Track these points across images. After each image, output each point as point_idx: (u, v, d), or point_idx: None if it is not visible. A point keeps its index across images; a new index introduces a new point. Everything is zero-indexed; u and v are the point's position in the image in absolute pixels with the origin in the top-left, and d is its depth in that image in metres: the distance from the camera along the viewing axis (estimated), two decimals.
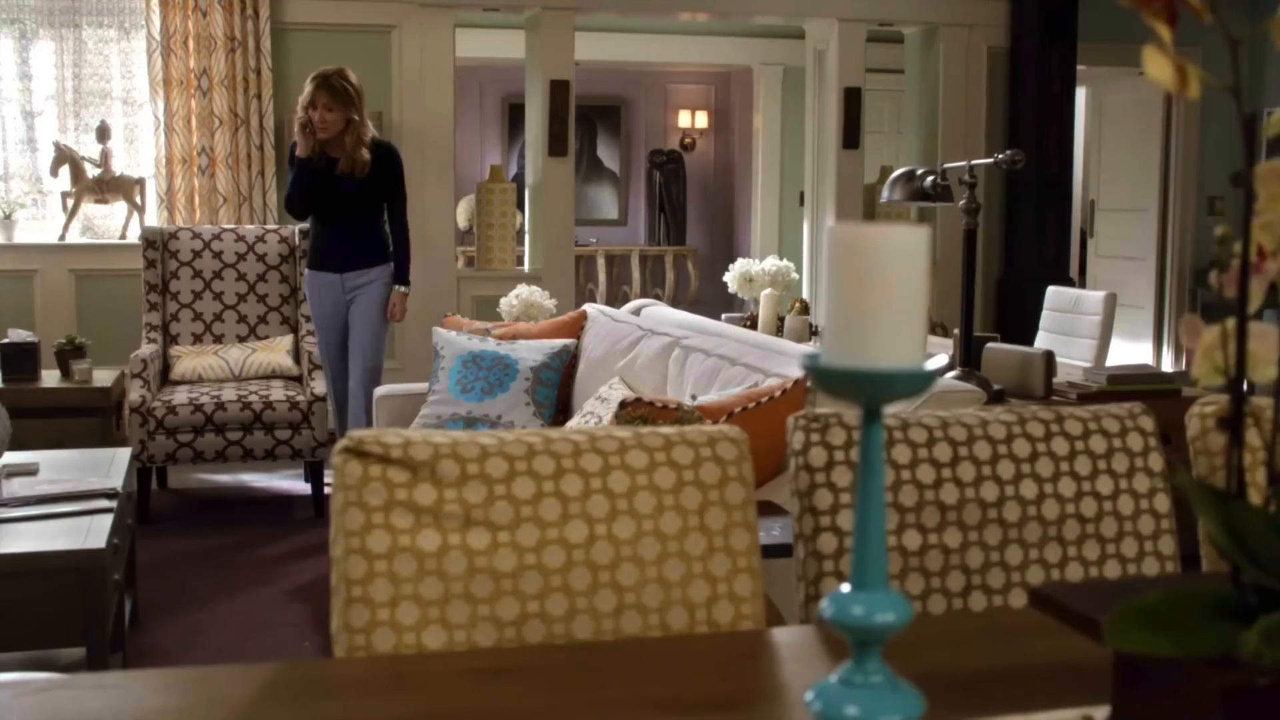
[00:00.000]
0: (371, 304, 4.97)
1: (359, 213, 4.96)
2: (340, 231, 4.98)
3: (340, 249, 4.98)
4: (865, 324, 0.97)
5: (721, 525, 1.61)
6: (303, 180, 4.88)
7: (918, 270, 0.98)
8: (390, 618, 1.50)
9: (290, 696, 1.33)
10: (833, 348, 0.98)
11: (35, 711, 1.26)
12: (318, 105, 4.78)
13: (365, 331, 4.98)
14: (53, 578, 2.93)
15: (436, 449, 1.55)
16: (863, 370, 0.97)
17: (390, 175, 4.98)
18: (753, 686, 1.37)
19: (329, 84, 4.78)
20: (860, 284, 0.97)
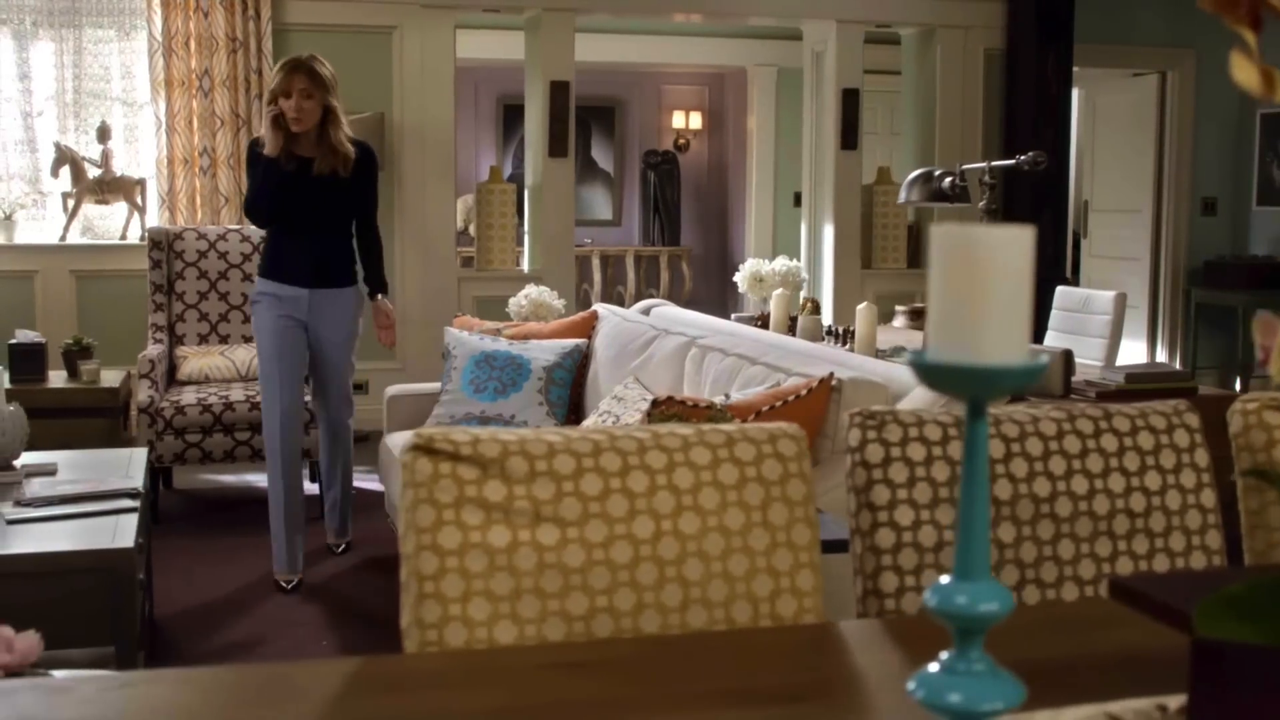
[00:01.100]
0: (344, 328, 4.32)
1: (334, 221, 4.28)
2: (310, 241, 4.24)
3: (309, 261, 4.24)
4: (973, 321, 1.00)
5: (783, 521, 1.63)
6: (271, 183, 4.16)
7: (1023, 269, 1.00)
8: (462, 613, 1.52)
9: (373, 690, 1.35)
10: (940, 344, 1.00)
11: (129, 704, 1.28)
12: (293, 93, 4.10)
13: (340, 358, 4.35)
14: (81, 577, 2.94)
15: (505, 446, 1.57)
16: (971, 366, 0.99)
17: (370, 179, 4.34)
18: (825, 678, 1.40)
19: (305, 67, 4.14)
20: (968, 283, 1.00)
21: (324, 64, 4.21)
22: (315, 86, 4.11)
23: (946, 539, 1.70)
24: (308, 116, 4.12)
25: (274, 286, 4.24)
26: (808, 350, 3.49)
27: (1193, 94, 8.25)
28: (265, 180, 4.17)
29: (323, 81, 4.13)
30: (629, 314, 4.55)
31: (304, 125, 4.12)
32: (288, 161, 4.16)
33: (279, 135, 4.14)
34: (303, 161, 4.19)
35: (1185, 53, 8.18)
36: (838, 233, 7.56)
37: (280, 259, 4.26)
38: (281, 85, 4.13)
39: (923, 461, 1.71)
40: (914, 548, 1.69)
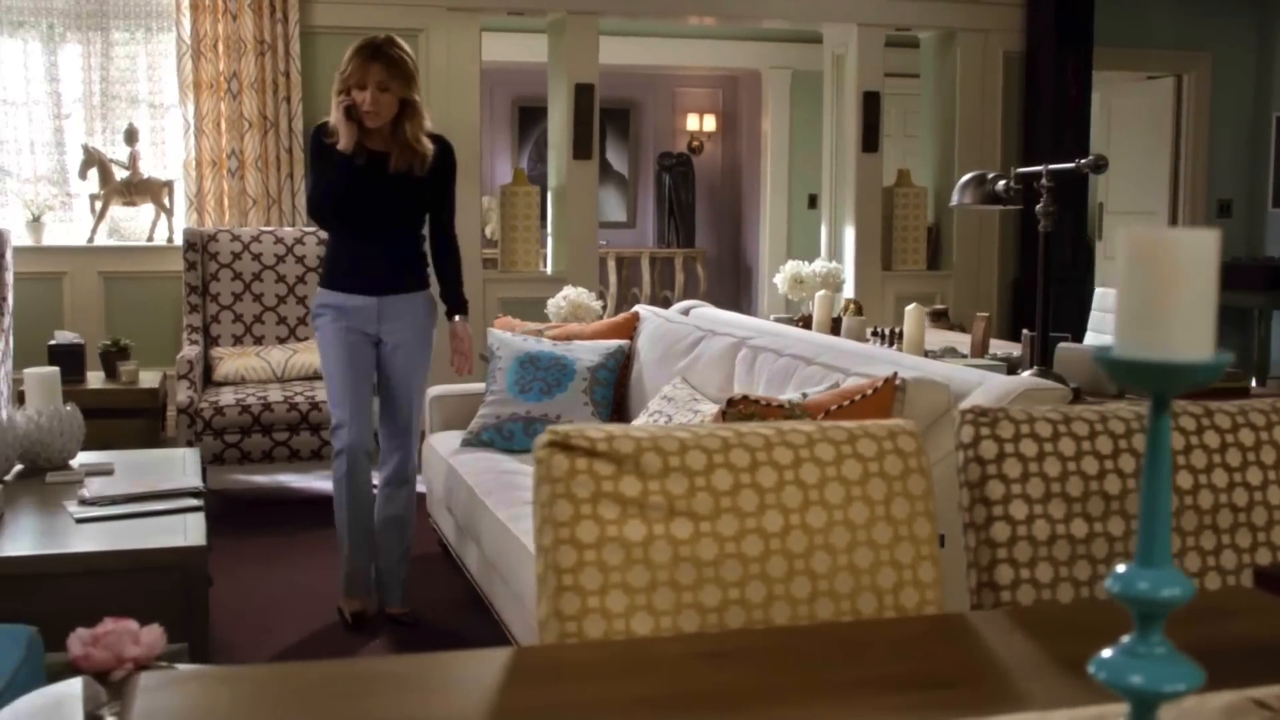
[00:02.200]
0: (417, 340, 3.87)
1: (407, 222, 3.84)
2: (379, 245, 3.80)
3: (377, 266, 3.81)
4: (1161, 319, 1.04)
5: (905, 515, 1.67)
6: (341, 182, 3.71)
7: (1209, 270, 1.05)
8: (600, 605, 1.56)
9: (531, 680, 1.39)
10: (1127, 341, 1.05)
11: (291, 694, 1.32)
12: (367, 84, 3.60)
13: (412, 376, 3.88)
14: (155, 575, 2.97)
15: (639, 443, 1.61)
16: (1159, 361, 1.04)
17: (448, 178, 3.87)
18: (969, 665, 1.44)
19: (383, 55, 3.64)
20: (1157, 283, 1.04)
21: (404, 50, 3.72)
22: (393, 78, 3.62)
23: (1059, 533, 1.74)
24: (384, 110, 3.64)
25: (339, 298, 3.81)
26: (862, 351, 3.54)
27: (1208, 97, 8.31)
28: (336, 178, 3.72)
29: (402, 72, 3.65)
30: (671, 315, 4.59)
31: (379, 121, 3.65)
32: (360, 157, 3.70)
33: (352, 128, 3.65)
34: (375, 156, 3.73)
35: (1201, 56, 8.24)
36: (859, 234, 7.60)
37: (345, 265, 3.82)
38: (355, 75, 3.62)
39: (1035, 457, 1.75)
40: (1028, 541, 1.73)
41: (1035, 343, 3.57)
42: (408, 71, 3.68)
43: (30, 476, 3.64)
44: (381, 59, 3.64)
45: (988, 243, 7.84)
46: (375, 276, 3.80)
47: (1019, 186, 3.80)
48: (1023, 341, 3.99)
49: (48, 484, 3.58)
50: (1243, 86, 8.42)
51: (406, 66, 3.68)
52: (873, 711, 1.30)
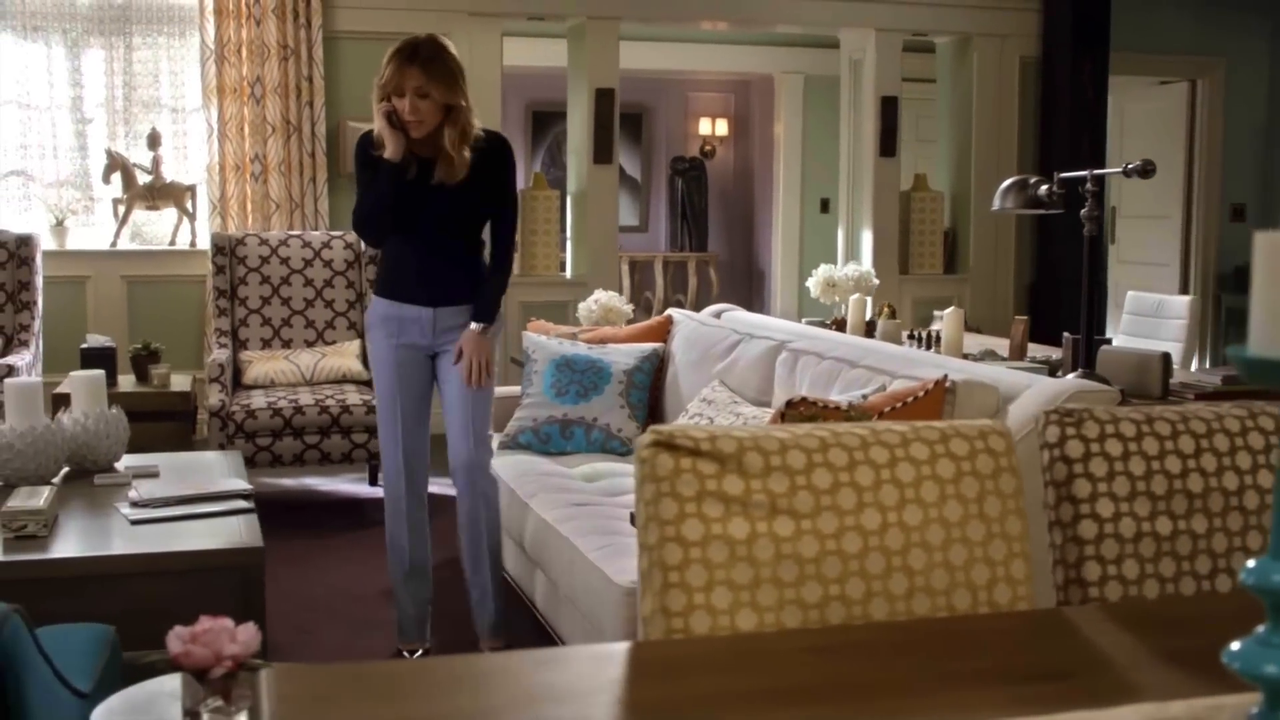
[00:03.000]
0: (478, 350, 3.58)
1: (460, 232, 3.60)
2: (433, 255, 3.57)
3: (433, 277, 3.58)
4: None
5: (997, 512, 1.71)
6: (386, 194, 3.47)
7: None
8: (706, 601, 1.59)
9: (650, 673, 1.42)
10: (1263, 341, 1.08)
11: (443, 686, 1.35)
12: (406, 90, 3.38)
13: (472, 393, 3.58)
14: (214, 575, 3.00)
15: (740, 442, 1.64)
16: None
17: (501, 177, 3.59)
18: (1077, 657, 1.47)
19: (420, 57, 3.40)
20: None
21: (445, 51, 3.47)
22: (433, 83, 3.37)
23: (1144, 530, 1.77)
24: (427, 117, 3.40)
25: (393, 308, 3.59)
26: (905, 354, 3.57)
27: (1222, 101, 8.36)
28: (385, 191, 3.47)
29: (443, 76, 3.39)
30: (704, 318, 4.63)
31: (423, 129, 3.42)
32: (408, 166, 3.48)
33: (397, 136, 3.42)
34: (426, 163, 3.50)
35: (1216, 61, 8.29)
36: (876, 238, 7.65)
37: (398, 274, 3.60)
38: (393, 81, 3.41)
39: (1120, 456, 1.78)
40: (1115, 539, 1.76)
41: (1079, 345, 3.61)
42: (447, 74, 3.41)
43: (77, 479, 3.67)
44: (418, 62, 3.39)
45: (1004, 247, 7.89)
46: (429, 287, 3.57)
47: (1062, 191, 3.84)
48: (1064, 344, 4.04)
49: (96, 486, 3.61)
50: (1257, 91, 8.48)
51: (445, 69, 3.42)
52: (990, 703, 1.33)
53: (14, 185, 6.79)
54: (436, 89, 3.39)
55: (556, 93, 9.78)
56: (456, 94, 3.44)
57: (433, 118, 3.42)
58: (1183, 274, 8.40)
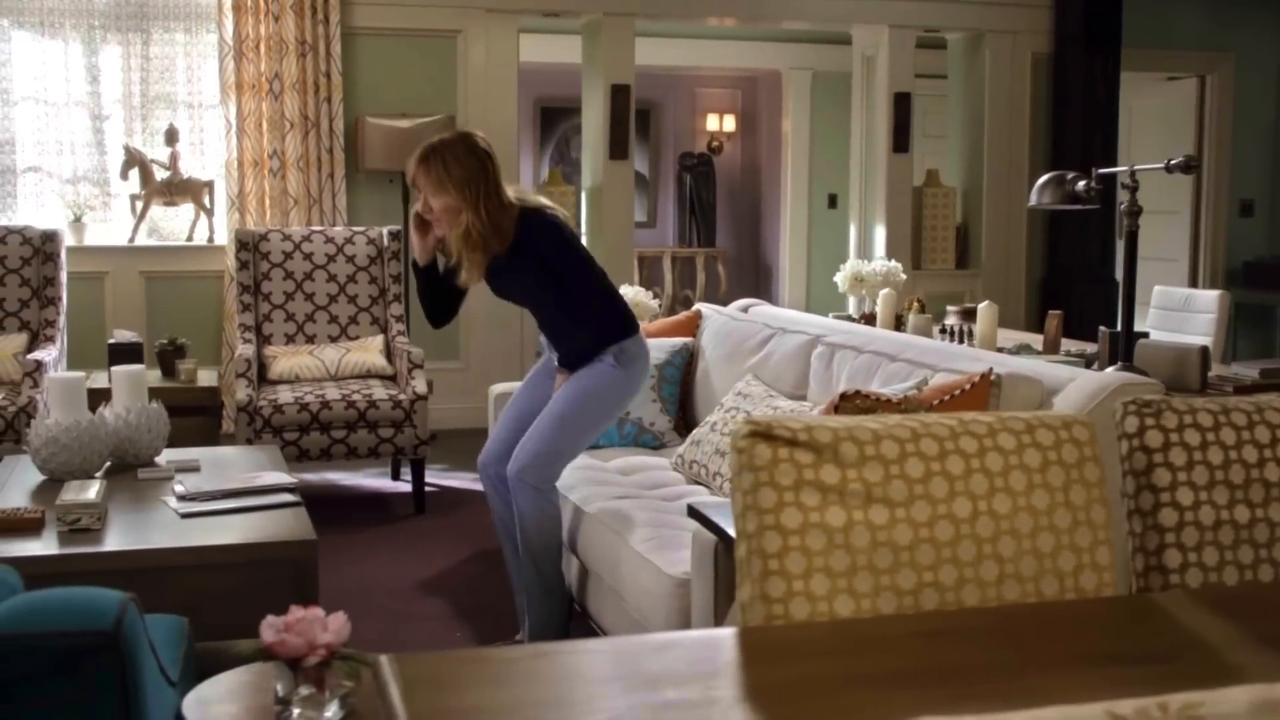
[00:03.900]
0: (579, 383, 3.57)
1: (535, 304, 3.67)
2: (538, 321, 3.74)
3: (550, 337, 3.73)
4: None
5: (1082, 501, 1.74)
6: (421, 293, 3.65)
7: None
8: (805, 588, 1.62)
9: (765, 658, 1.45)
10: None
11: (550, 672, 1.38)
12: (419, 186, 3.48)
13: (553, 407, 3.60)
14: (267, 568, 3.03)
15: (835, 433, 1.68)
16: None
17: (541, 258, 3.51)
18: (1170, 641, 1.51)
19: (419, 158, 3.46)
20: None
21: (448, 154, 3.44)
22: (427, 187, 3.44)
23: (1223, 518, 1.81)
24: (446, 216, 3.45)
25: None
26: (943, 348, 3.61)
27: (1231, 97, 8.41)
28: (420, 289, 3.67)
29: (434, 182, 3.42)
30: (733, 313, 4.66)
31: (446, 227, 3.47)
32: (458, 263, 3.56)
33: (423, 238, 3.54)
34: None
35: (1225, 57, 8.34)
36: (889, 234, 7.69)
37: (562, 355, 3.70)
38: (410, 178, 3.53)
39: (1199, 446, 1.82)
40: (1195, 526, 1.80)
41: (1119, 339, 3.65)
42: (437, 179, 3.41)
43: (120, 473, 3.69)
44: (419, 162, 3.45)
45: (1015, 242, 7.93)
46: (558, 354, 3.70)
47: (1099, 187, 3.88)
48: (1100, 338, 4.08)
49: (140, 480, 3.63)
50: (1265, 87, 8.53)
51: (436, 173, 3.41)
52: (1095, 685, 1.36)
53: (32, 181, 6.80)
54: (429, 193, 3.44)
55: (564, 89, 9.82)
56: (449, 197, 3.43)
57: (452, 215, 3.44)
58: (1191, 269, 8.46)
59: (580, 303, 3.59)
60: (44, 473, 3.59)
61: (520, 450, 3.54)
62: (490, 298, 7.04)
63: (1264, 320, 8.21)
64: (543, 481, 3.52)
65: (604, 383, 3.56)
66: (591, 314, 3.60)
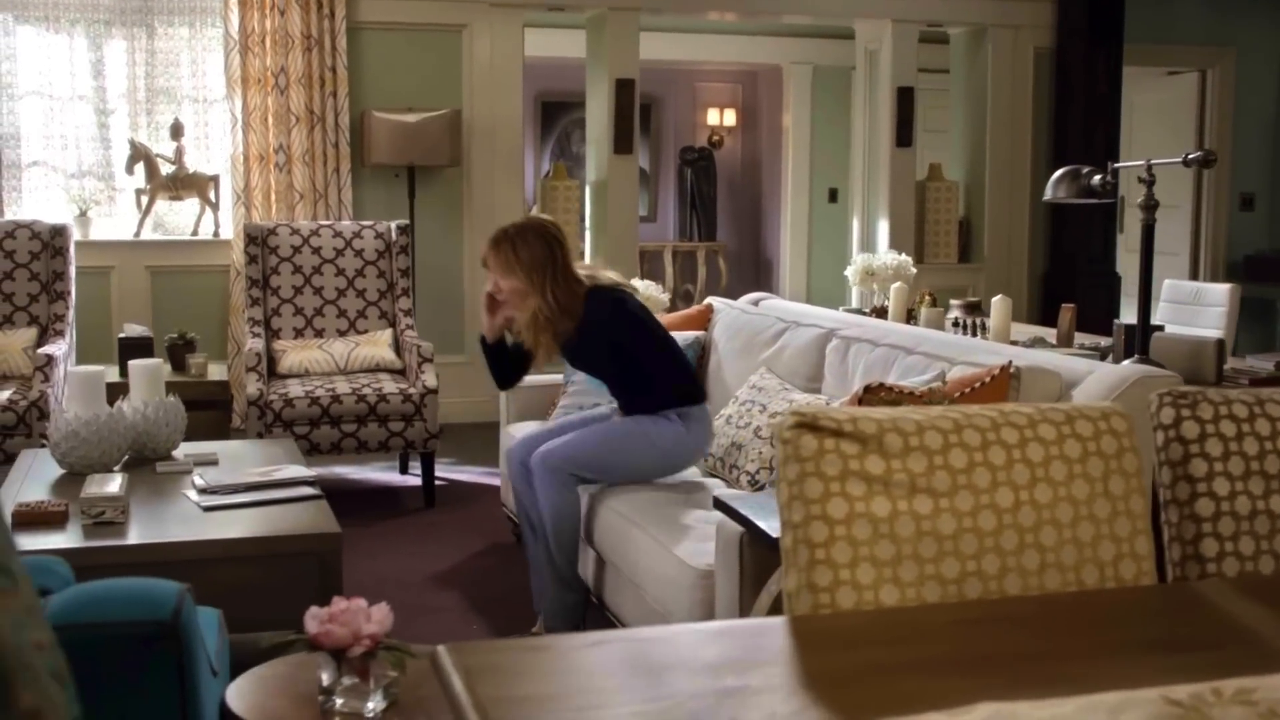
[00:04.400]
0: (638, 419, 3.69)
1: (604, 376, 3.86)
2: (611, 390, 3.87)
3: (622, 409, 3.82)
4: None
5: (1121, 491, 1.77)
6: (491, 366, 3.88)
7: None
8: (851, 577, 1.64)
9: (819, 646, 1.47)
10: None
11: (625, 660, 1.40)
12: (490, 268, 3.66)
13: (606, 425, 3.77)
14: (292, 560, 3.05)
15: (879, 424, 1.69)
16: None
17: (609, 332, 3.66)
18: (1218, 628, 1.53)
19: (496, 243, 3.62)
20: None
21: (517, 240, 3.60)
22: (503, 268, 3.60)
23: (1259, 508, 1.83)
24: (514, 297, 3.62)
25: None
26: (959, 341, 3.63)
27: (1232, 91, 8.45)
28: (488, 363, 3.89)
29: (501, 263, 3.60)
30: (745, 306, 4.68)
31: (515, 306, 3.64)
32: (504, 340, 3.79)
33: (491, 316, 3.73)
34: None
35: (1226, 51, 8.37)
36: (893, 228, 7.71)
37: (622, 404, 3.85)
38: (481, 259, 3.75)
39: (1234, 437, 1.84)
40: (1231, 516, 1.82)
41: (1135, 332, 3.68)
42: (504, 261, 3.59)
43: (138, 466, 3.71)
44: (492, 247, 3.64)
45: (1018, 236, 7.96)
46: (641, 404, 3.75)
47: (1114, 181, 3.91)
48: (1114, 332, 4.10)
49: (159, 474, 3.65)
50: (1266, 81, 8.56)
51: (504, 256, 3.59)
52: (1153, 670, 1.38)
53: (37, 176, 6.80)
54: (499, 274, 3.62)
55: (565, 83, 9.82)
56: (517, 280, 3.60)
57: (520, 297, 3.61)
58: (1192, 263, 8.49)
59: (647, 374, 3.71)
60: (63, 466, 3.60)
61: (553, 443, 3.64)
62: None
63: (1265, 314, 8.24)
64: (561, 478, 3.58)
65: (659, 429, 3.65)
66: (657, 384, 3.70)
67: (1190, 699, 1.27)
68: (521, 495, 3.78)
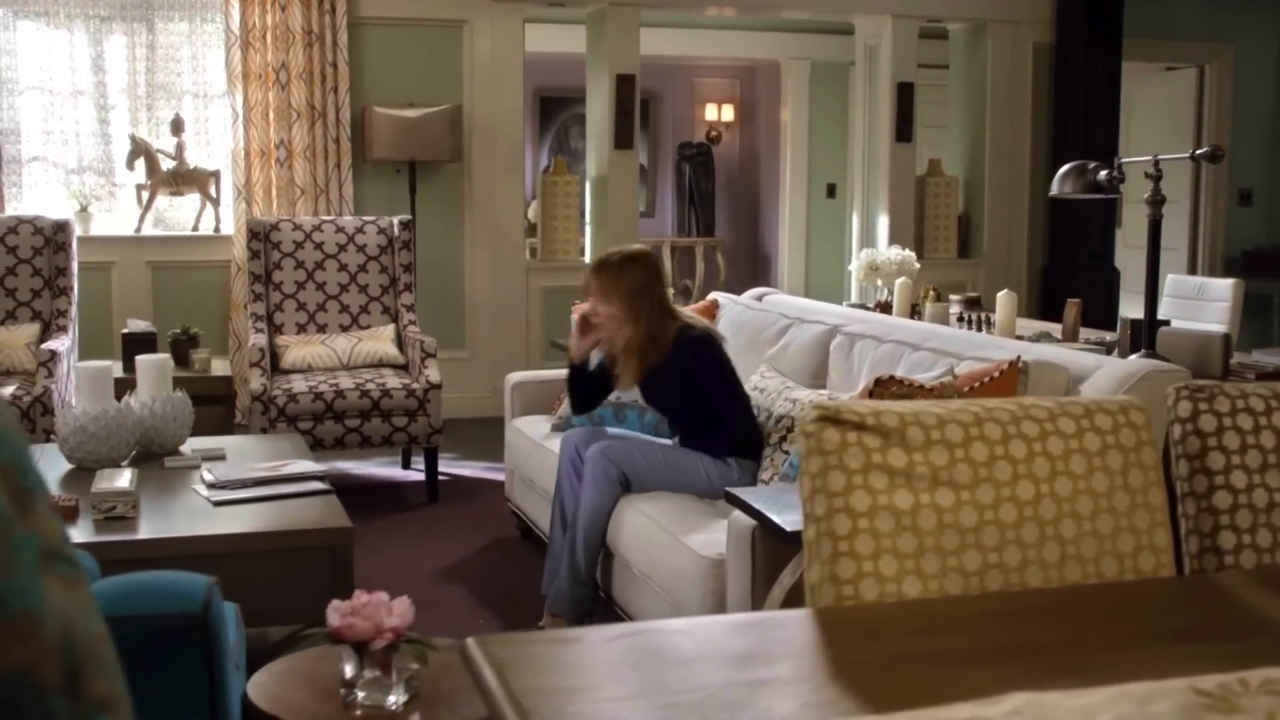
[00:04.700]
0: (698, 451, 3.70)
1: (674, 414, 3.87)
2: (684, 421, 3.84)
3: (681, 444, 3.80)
4: None
5: (1140, 484, 1.78)
6: (573, 391, 3.95)
7: None
8: (874, 569, 1.66)
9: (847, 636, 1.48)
10: None
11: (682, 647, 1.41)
12: (590, 292, 3.72)
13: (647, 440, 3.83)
14: (304, 555, 3.05)
15: (901, 417, 1.71)
16: None
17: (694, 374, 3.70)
18: (1238, 620, 1.55)
19: (597, 265, 3.75)
20: None
21: (623, 268, 3.69)
22: (605, 295, 3.67)
23: (1277, 501, 1.85)
24: (609, 324, 3.69)
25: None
26: (966, 337, 3.64)
27: (1231, 87, 8.47)
28: (569, 385, 3.97)
29: (605, 289, 3.67)
30: (749, 302, 4.69)
31: (608, 332, 3.71)
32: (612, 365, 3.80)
33: (582, 338, 3.77)
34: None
35: (1224, 47, 8.39)
36: (892, 223, 7.72)
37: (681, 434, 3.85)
38: (583, 284, 3.83)
39: (1251, 430, 1.86)
40: (1249, 509, 1.84)
41: (1141, 327, 3.69)
42: (609, 288, 3.67)
43: (146, 461, 3.71)
44: (596, 270, 3.73)
45: (1017, 231, 7.98)
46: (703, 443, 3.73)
47: (1121, 177, 3.92)
48: (1120, 326, 4.12)
49: (167, 469, 3.65)
50: (1264, 77, 8.59)
51: (608, 283, 3.67)
52: (1178, 661, 1.40)
53: (37, 171, 6.79)
54: (599, 298, 3.69)
55: (563, 78, 9.82)
56: (618, 307, 3.68)
57: (615, 324, 3.70)
58: (1190, 258, 8.52)
59: (716, 418, 3.72)
60: (71, 461, 3.61)
61: (616, 443, 3.71)
62: (494, 283, 7.08)
63: (1263, 308, 8.27)
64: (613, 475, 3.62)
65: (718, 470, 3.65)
66: (724, 430, 3.71)
67: (1218, 689, 1.29)
68: (565, 482, 3.78)
